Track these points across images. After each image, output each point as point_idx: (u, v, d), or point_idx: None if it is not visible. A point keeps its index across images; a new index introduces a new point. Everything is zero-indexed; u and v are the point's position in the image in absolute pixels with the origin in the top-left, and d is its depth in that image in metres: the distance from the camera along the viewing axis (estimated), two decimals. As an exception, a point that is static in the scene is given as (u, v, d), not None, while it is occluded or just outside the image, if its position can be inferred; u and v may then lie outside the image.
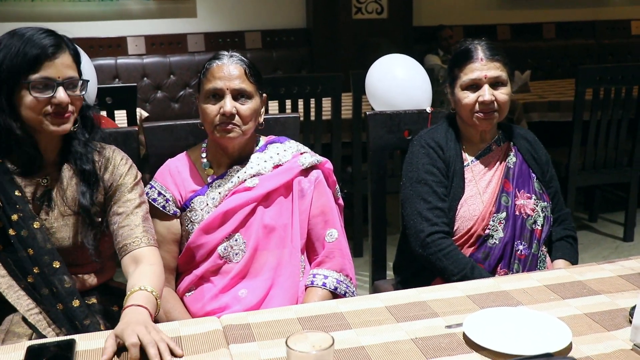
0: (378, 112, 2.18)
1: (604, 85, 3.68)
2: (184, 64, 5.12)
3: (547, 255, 1.97)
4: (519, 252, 1.89)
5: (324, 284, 1.78)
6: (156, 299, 1.44)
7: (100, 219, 1.62)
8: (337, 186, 1.93)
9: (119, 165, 1.66)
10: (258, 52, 5.33)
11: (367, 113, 2.17)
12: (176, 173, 1.83)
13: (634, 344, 1.26)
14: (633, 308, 1.32)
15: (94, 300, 1.66)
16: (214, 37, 5.29)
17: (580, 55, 6.00)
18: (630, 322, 1.30)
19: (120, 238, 1.59)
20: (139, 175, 1.70)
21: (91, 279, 1.67)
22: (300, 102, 3.43)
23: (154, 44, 5.17)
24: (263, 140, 1.90)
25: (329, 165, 1.90)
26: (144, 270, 1.51)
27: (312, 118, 3.48)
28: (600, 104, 3.71)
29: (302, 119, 3.43)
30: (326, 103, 3.52)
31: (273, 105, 3.49)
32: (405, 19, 5.45)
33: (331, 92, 3.44)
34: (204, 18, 5.26)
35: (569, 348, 1.25)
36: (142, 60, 5.08)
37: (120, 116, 3.18)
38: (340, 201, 1.93)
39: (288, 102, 3.42)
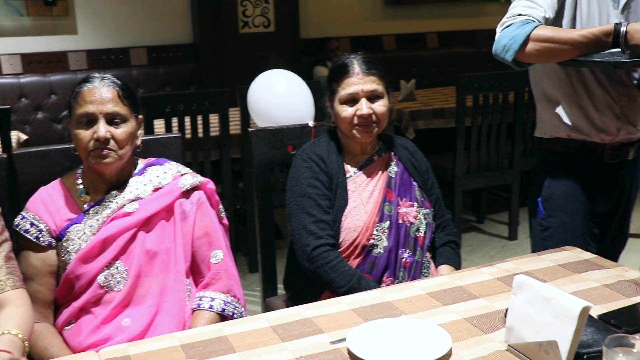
0: (260, 128, 2.17)
1: (482, 92, 3.85)
2: (65, 82, 4.89)
3: (432, 261, 2.02)
4: (403, 260, 1.92)
5: (211, 307, 1.74)
6: (23, 342, 1.36)
7: None
8: (221, 206, 1.90)
9: None
10: (144, 69, 5.20)
11: (250, 130, 2.16)
12: (50, 201, 1.74)
13: (509, 345, 1.31)
14: (507, 310, 1.37)
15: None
16: (97, 54, 5.11)
17: (462, 63, 6.25)
18: (505, 323, 1.35)
19: None
20: None
21: None
22: (188, 120, 3.37)
23: (32, 62, 4.92)
24: (141, 163, 1.85)
25: (210, 185, 1.87)
26: (9, 313, 1.43)
27: (200, 135, 3.43)
28: (480, 109, 3.88)
29: (189, 136, 3.38)
30: (214, 119, 3.48)
31: (159, 124, 3.41)
32: (292, 32, 5.48)
33: (218, 108, 3.40)
34: (85, 35, 5.07)
35: (449, 354, 1.28)
36: (19, 79, 4.82)
37: (-6, 141, 3.01)
38: (225, 221, 1.90)
39: (174, 120, 3.35)
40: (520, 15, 1.92)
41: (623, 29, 1.79)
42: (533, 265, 1.74)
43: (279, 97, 2.49)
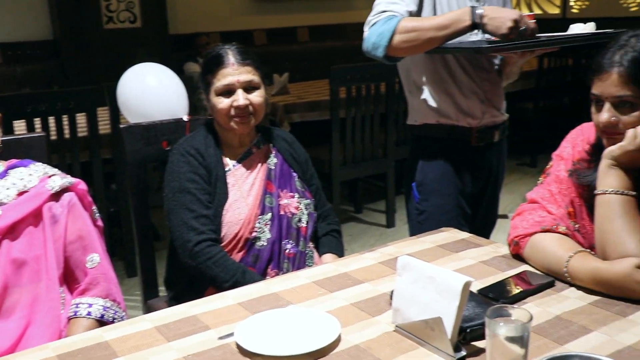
0: (133, 124, 2.08)
1: (355, 84, 3.92)
2: None
3: (315, 251, 2.03)
4: (287, 251, 1.92)
5: (89, 313, 1.65)
6: None
7: None
8: (94, 207, 1.80)
9: None
10: (-2, 68, 4.87)
11: (121, 126, 2.06)
12: None
13: (396, 325, 1.33)
14: (393, 292, 1.39)
15: None
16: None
17: (333, 56, 6.35)
18: (391, 305, 1.37)
19: None
20: None
21: None
22: (52, 120, 3.18)
23: None
24: (2, 165, 1.71)
25: (82, 186, 1.76)
26: None
27: (67, 136, 3.24)
28: (354, 101, 3.95)
29: (55, 137, 3.19)
30: (81, 119, 3.30)
31: (20, 125, 3.19)
32: (160, 27, 5.35)
33: (85, 107, 3.23)
34: None
35: (338, 340, 1.28)
36: None
37: None
38: (100, 222, 1.80)
39: (37, 121, 3.15)
40: (384, 12, 1.98)
41: (479, 11, 1.91)
42: (413, 248, 1.78)
43: (150, 91, 2.40)
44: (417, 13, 2.04)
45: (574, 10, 6.73)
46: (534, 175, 5.23)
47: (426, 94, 2.16)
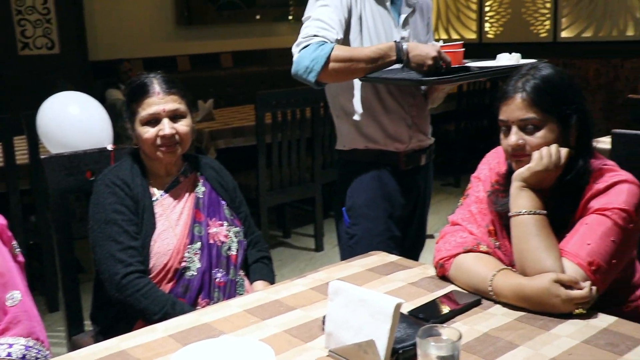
0: (55, 154, 2.03)
1: (280, 109, 3.94)
2: None
3: (246, 278, 2.01)
4: (217, 280, 1.90)
5: (9, 354, 1.57)
6: None
7: None
8: (14, 242, 1.73)
9: None
10: None
11: (42, 157, 2.00)
12: None
13: (330, 350, 1.34)
14: (325, 317, 1.40)
15: None
16: None
17: (257, 81, 6.38)
18: (324, 330, 1.38)
19: None
20: None
21: None
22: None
23: None
24: None
25: (1, 220, 1.70)
26: None
27: (-19, 167, 3.12)
28: (280, 126, 3.97)
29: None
30: (-4, 149, 3.19)
31: None
32: (80, 54, 5.24)
33: (1, 136, 3.11)
34: None
35: (272, 368, 1.28)
36: None
37: None
38: (20, 258, 1.73)
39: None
40: (315, 36, 2.01)
41: (404, 47, 2.00)
42: (344, 272, 1.80)
43: (72, 120, 2.34)
44: (344, 41, 2.09)
45: (490, 36, 7.01)
46: (457, 195, 5.34)
47: (355, 120, 2.20)
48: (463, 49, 2.16)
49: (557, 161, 1.54)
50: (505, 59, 2.21)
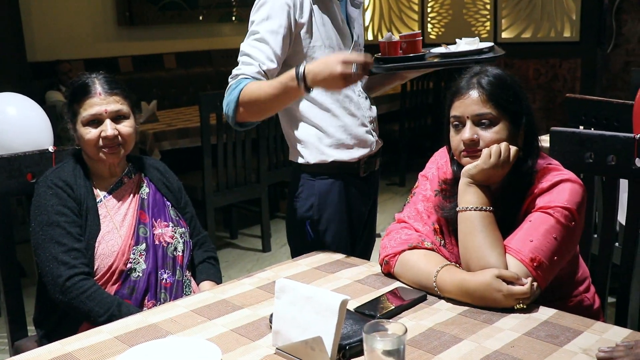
0: (-7, 157, 1.98)
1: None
2: None
3: (192, 279, 2.01)
4: (164, 281, 1.88)
5: (-51, 361, 1.54)
6: None
7: None
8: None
9: None
10: None
11: (-20, 159, 1.95)
12: None
13: (277, 348, 1.35)
14: (272, 315, 1.41)
15: None
16: None
17: (201, 82, 6.33)
18: (271, 328, 1.39)
19: None
20: None
21: None
22: None
23: None
24: None
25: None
26: None
27: None
28: (225, 127, 3.94)
29: None
30: None
31: None
32: (17, 55, 5.09)
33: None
34: None
35: (220, 366, 1.28)
36: None
37: None
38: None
39: None
40: (237, 75, 1.90)
41: (301, 69, 1.77)
42: (290, 271, 1.81)
43: (11, 122, 2.28)
44: (294, 45, 1.97)
45: (432, 37, 7.13)
46: (403, 194, 5.46)
47: (312, 132, 2.08)
48: (420, 38, 2.11)
49: (506, 159, 1.57)
50: (464, 44, 2.17)
